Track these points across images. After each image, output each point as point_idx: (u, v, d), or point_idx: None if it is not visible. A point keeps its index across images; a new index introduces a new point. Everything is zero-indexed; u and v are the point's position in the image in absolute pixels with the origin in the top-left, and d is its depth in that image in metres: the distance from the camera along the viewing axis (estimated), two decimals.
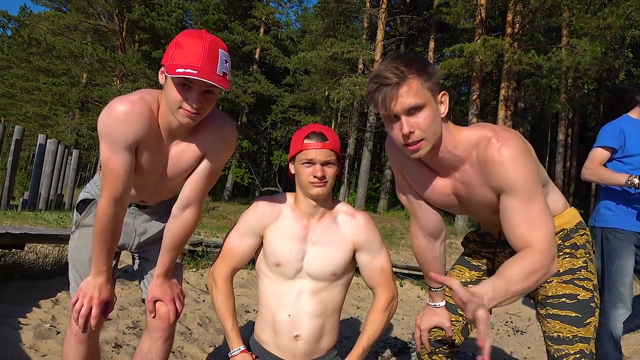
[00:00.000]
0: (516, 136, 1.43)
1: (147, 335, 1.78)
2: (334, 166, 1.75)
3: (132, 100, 1.53)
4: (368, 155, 19.59)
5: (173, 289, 1.78)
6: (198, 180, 1.68)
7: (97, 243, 1.60)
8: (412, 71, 1.36)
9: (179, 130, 1.60)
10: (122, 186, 1.55)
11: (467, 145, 1.47)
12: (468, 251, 1.91)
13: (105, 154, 1.54)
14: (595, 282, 1.62)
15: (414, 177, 1.65)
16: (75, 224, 1.81)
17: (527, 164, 1.39)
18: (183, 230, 1.71)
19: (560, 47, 16.02)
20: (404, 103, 1.36)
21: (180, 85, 1.46)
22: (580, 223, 1.67)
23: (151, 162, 1.62)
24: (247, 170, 23.10)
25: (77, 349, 1.70)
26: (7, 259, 4.08)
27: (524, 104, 19.99)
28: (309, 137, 1.74)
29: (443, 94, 1.44)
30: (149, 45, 25.19)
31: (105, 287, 1.65)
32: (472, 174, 1.48)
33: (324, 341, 1.81)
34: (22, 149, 10.99)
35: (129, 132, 1.51)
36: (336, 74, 20.33)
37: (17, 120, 25.49)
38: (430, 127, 1.39)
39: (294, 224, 1.80)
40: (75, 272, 1.77)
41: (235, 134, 1.72)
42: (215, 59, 1.46)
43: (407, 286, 5.74)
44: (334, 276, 1.80)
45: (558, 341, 1.56)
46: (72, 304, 1.64)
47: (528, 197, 1.39)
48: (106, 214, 1.57)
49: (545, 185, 1.57)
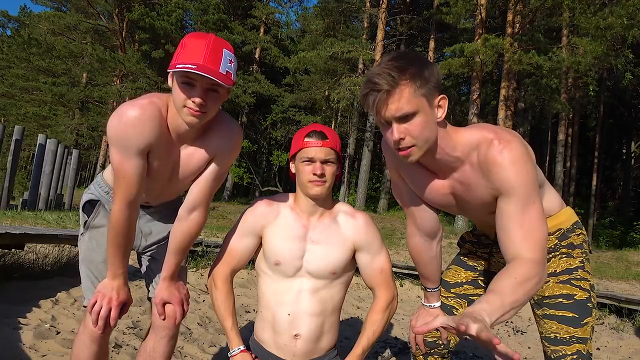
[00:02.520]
0: (517, 139, 1.42)
1: (152, 334, 1.79)
2: (333, 165, 1.76)
3: (142, 104, 1.53)
4: (368, 155, 19.59)
5: (180, 291, 1.79)
6: (205, 183, 1.69)
7: (112, 247, 1.62)
8: (405, 77, 1.33)
9: (188, 133, 1.61)
10: (135, 190, 1.57)
11: (467, 147, 1.46)
12: (464, 251, 1.91)
13: (117, 159, 1.55)
14: (592, 282, 1.61)
15: (410, 177, 1.64)
16: (85, 225, 1.81)
17: (527, 167, 1.38)
18: (189, 233, 1.73)
19: (561, 47, 16.01)
20: (394, 111, 1.34)
21: (183, 84, 1.47)
22: (576, 223, 1.66)
23: (162, 165, 1.63)
24: (247, 170, 23.10)
25: (90, 348, 1.72)
26: (7, 259, 4.08)
27: (524, 104, 19.98)
28: (310, 135, 1.75)
29: (441, 98, 1.40)
30: (149, 45, 25.18)
31: (123, 289, 1.68)
32: (472, 174, 1.47)
33: (324, 340, 1.81)
34: (22, 149, 11.00)
35: (141, 137, 1.52)
36: (336, 74, 20.33)
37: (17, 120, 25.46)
38: (421, 134, 1.37)
39: (294, 223, 1.81)
40: (89, 273, 1.78)
41: (241, 137, 1.73)
42: (218, 58, 1.46)
43: (407, 286, 5.74)
44: (334, 275, 1.80)
45: (555, 342, 1.55)
46: (90, 306, 1.66)
47: (526, 202, 1.37)
48: (120, 218, 1.58)
49: (541, 186, 1.56)
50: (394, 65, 1.34)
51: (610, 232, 18.97)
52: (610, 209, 25.63)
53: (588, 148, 25.22)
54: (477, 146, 1.44)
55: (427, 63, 1.40)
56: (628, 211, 22.64)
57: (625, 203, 23.78)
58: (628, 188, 24.17)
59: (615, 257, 11.49)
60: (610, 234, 18.79)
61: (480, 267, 1.84)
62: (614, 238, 18.42)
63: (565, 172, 19.55)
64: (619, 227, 19.97)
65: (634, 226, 18.68)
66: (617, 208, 25.10)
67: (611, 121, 25.20)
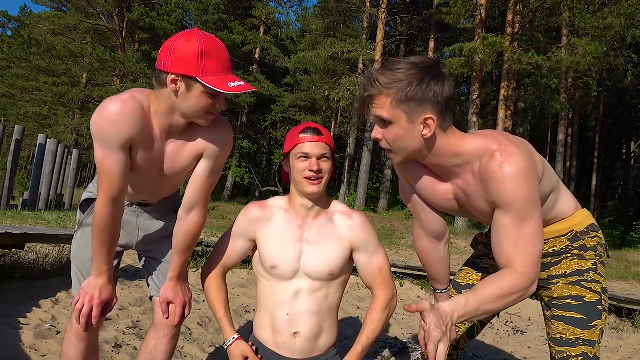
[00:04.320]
0: (522, 152, 1.39)
1: (154, 333, 1.80)
2: (329, 160, 1.76)
3: (123, 99, 1.54)
4: (368, 155, 19.58)
5: (185, 293, 1.80)
6: (199, 181, 1.70)
7: (97, 244, 1.62)
8: (389, 88, 1.36)
9: (175, 128, 1.62)
10: (117, 186, 1.57)
11: (470, 156, 1.44)
12: (477, 253, 1.90)
13: (99, 155, 1.55)
14: (605, 285, 1.58)
15: (416, 180, 1.64)
16: (78, 223, 1.84)
17: (527, 183, 1.36)
18: (190, 233, 1.73)
19: (560, 47, 16.01)
20: (373, 112, 1.41)
21: (211, 95, 1.52)
22: (592, 225, 1.63)
23: (147, 161, 1.63)
24: (247, 170, 23.10)
25: (77, 346, 1.72)
26: (7, 259, 4.08)
27: (524, 104, 19.97)
28: (304, 131, 1.75)
29: (428, 118, 1.36)
30: (149, 45, 25.17)
31: (107, 288, 1.67)
32: (473, 184, 1.47)
33: (323, 338, 1.82)
34: (22, 149, 10.99)
35: (122, 132, 1.52)
36: (336, 74, 20.34)
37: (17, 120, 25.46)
38: (394, 143, 1.43)
39: (288, 225, 1.80)
40: (77, 271, 1.80)
41: (231, 132, 1.73)
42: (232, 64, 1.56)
43: (407, 286, 5.74)
44: (332, 276, 1.79)
45: (560, 343, 1.54)
46: (74, 303, 1.66)
47: (522, 217, 1.37)
48: (103, 214, 1.58)
49: (556, 188, 1.56)
50: (385, 74, 1.38)
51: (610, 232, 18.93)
52: (610, 209, 25.64)
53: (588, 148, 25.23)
54: (480, 156, 1.42)
55: (422, 81, 1.35)
56: (628, 211, 22.64)
57: (625, 203, 23.79)
58: (628, 188, 24.18)
59: (615, 257, 11.50)
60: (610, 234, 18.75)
61: (492, 270, 1.83)
62: (614, 238, 18.40)
63: (565, 172, 19.55)
64: (618, 227, 19.96)
65: (633, 226, 18.69)
66: (617, 208, 25.12)
67: (611, 121, 25.21)
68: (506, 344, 3.97)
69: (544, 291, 1.63)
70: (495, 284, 1.35)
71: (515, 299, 1.37)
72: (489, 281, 1.38)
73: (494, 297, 1.34)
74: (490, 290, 1.34)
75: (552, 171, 1.55)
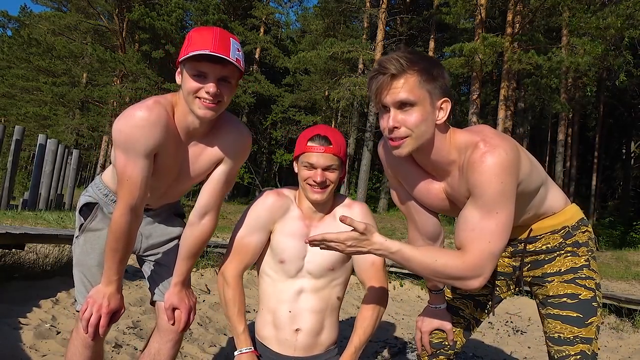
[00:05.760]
0: (506, 146, 1.37)
1: (157, 337, 1.78)
2: (336, 171, 1.74)
3: (148, 105, 1.52)
4: (368, 155, 19.59)
5: (190, 299, 1.78)
6: (215, 187, 1.68)
7: (109, 251, 1.58)
8: (414, 67, 1.34)
9: (197, 130, 1.60)
10: (138, 194, 1.54)
11: (459, 150, 1.44)
12: None
13: (121, 162, 1.52)
14: (598, 281, 1.59)
15: (409, 180, 1.62)
16: (80, 228, 1.77)
17: (504, 177, 1.34)
18: (201, 238, 1.72)
19: (560, 47, 16.01)
20: (395, 95, 1.34)
21: (195, 76, 1.47)
22: (582, 220, 1.64)
23: (169, 165, 1.62)
24: (247, 170, 23.09)
25: (83, 354, 1.70)
26: (7, 259, 4.08)
27: (524, 104, 19.97)
28: (313, 139, 1.72)
29: (444, 101, 1.39)
30: (149, 45, 25.16)
31: (115, 297, 1.64)
32: (457, 178, 1.46)
33: (324, 335, 1.82)
34: (22, 149, 11.00)
35: (149, 139, 1.50)
36: (336, 74, 20.34)
37: (17, 120, 25.47)
38: (418, 127, 1.36)
39: (298, 222, 1.80)
40: (82, 277, 1.75)
41: (250, 140, 1.72)
42: (227, 45, 1.46)
43: (407, 286, 5.74)
44: (332, 271, 1.80)
45: (559, 342, 1.54)
46: (81, 312, 1.63)
47: (488, 210, 1.35)
48: (120, 222, 1.54)
49: (544, 184, 1.56)
50: (406, 56, 1.35)
51: (610, 232, 18.95)
52: (610, 208, 25.63)
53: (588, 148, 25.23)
54: (465, 149, 1.42)
55: (438, 65, 1.40)
56: (628, 211, 22.63)
57: (625, 203, 23.78)
58: (628, 188, 24.18)
59: (615, 257, 11.50)
60: (610, 234, 18.77)
61: None
62: (614, 238, 18.41)
63: (565, 172, 19.55)
64: (618, 227, 19.96)
65: (633, 226, 18.68)
66: (617, 208, 25.10)
67: (611, 121, 25.20)
68: (506, 344, 3.97)
69: (539, 289, 1.63)
70: (434, 254, 1.38)
71: (443, 278, 1.41)
72: (432, 250, 1.43)
73: (423, 265, 1.38)
74: (426, 257, 1.37)
75: (540, 167, 1.55)
